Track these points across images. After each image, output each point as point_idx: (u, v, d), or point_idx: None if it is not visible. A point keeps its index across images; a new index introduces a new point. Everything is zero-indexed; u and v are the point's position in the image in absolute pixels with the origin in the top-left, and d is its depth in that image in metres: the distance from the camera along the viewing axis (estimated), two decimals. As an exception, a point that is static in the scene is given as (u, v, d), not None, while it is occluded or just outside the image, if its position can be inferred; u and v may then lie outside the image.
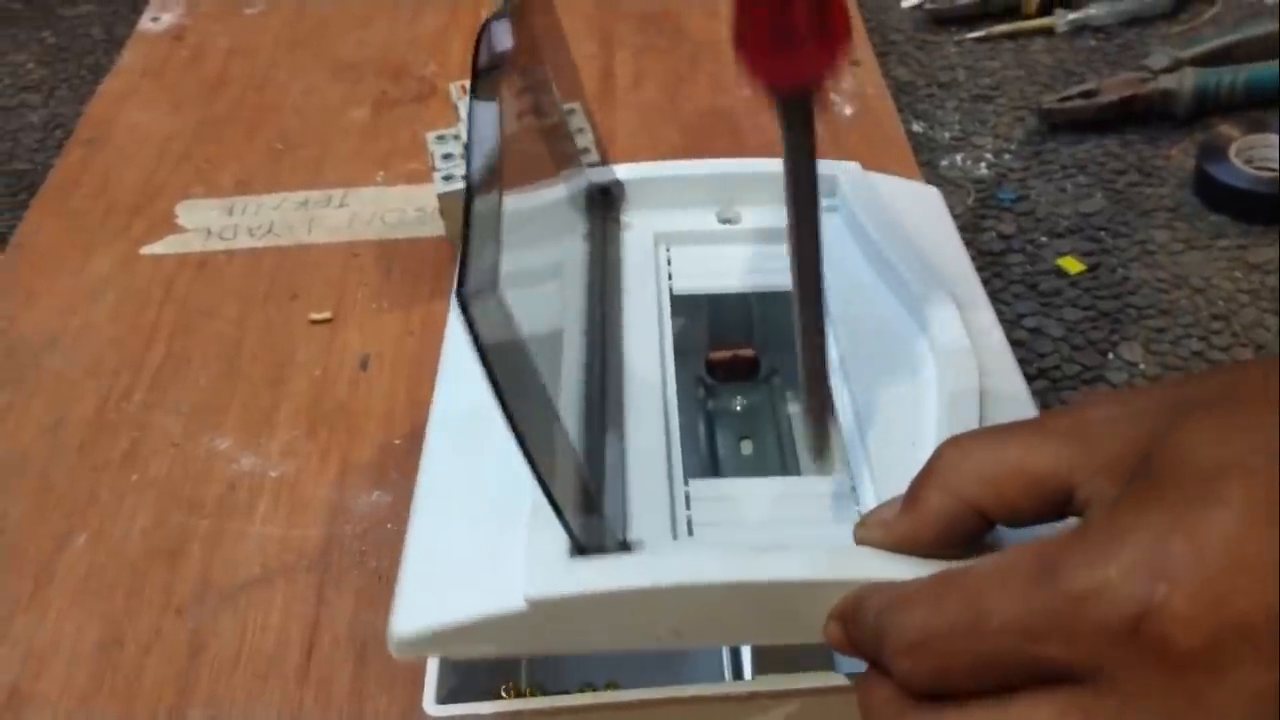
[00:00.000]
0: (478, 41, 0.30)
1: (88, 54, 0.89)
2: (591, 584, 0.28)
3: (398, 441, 0.51)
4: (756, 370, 0.46)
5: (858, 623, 0.27)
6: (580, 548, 0.28)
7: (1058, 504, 0.25)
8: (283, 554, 0.47)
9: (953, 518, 0.26)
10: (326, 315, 0.57)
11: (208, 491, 0.50)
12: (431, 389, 0.54)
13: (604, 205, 0.42)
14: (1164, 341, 0.56)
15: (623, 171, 0.42)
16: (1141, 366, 0.55)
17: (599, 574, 0.28)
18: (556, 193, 0.37)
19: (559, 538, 0.28)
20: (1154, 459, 0.22)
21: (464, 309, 0.23)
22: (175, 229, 0.65)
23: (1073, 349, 0.56)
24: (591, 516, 0.29)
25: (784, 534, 0.32)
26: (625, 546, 0.29)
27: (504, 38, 0.31)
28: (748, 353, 0.47)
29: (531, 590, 0.28)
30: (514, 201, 0.28)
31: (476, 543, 0.31)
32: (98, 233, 0.65)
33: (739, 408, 0.46)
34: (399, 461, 0.50)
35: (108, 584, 0.46)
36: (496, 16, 0.32)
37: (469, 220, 0.25)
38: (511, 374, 0.25)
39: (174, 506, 0.49)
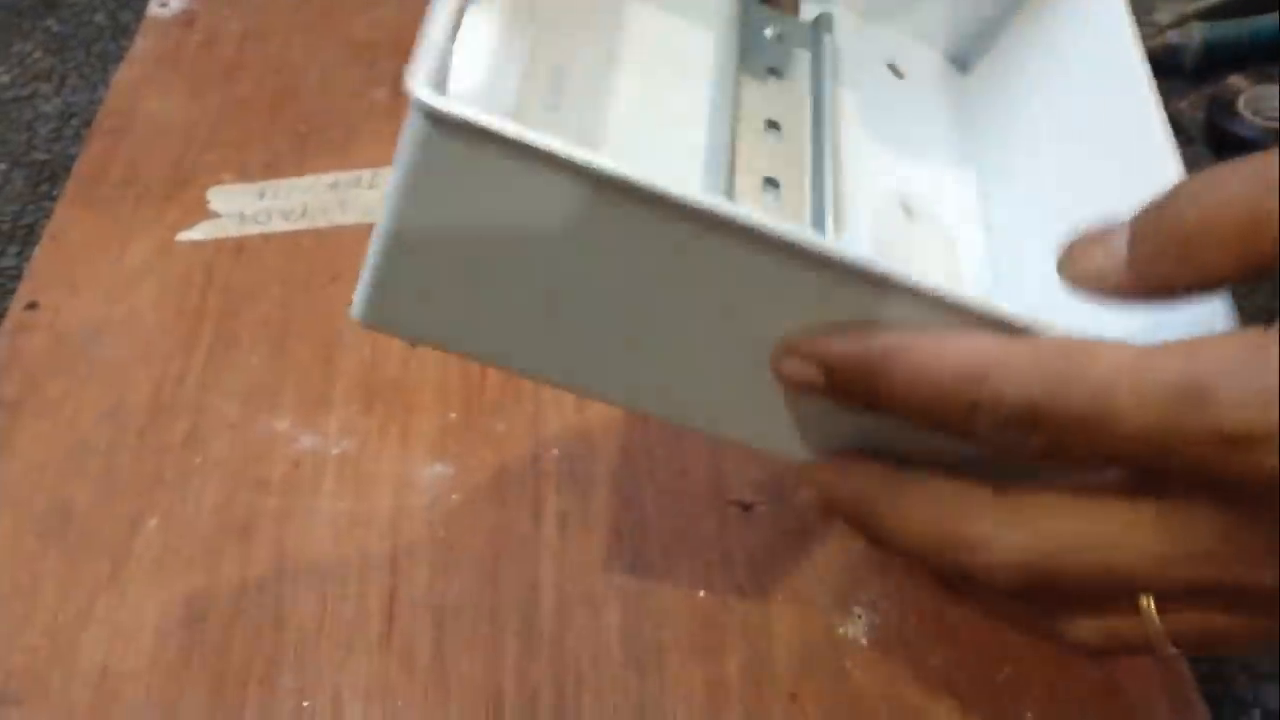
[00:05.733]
0: None
1: (94, 41, 0.89)
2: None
3: (453, 415, 0.52)
4: None
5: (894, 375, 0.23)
6: None
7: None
8: (353, 527, 0.48)
9: (1181, 288, 0.23)
10: (370, 294, 0.59)
11: (272, 470, 0.51)
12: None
13: None
14: (1185, 291, 0.58)
15: None
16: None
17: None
18: None
19: None
20: None
21: None
22: (209, 215, 0.65)
23: (1098, 301, 0.58)
24: None
25: None
26: None
27: None
28: None
29: None
30: None
31: None
32: (132, 221, 0.66)
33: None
34: (457, 435, 0.51)
35: (184, 563, 0.48)
36: None
37: None
38: None
39: (240, 486, 0.50)
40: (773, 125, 0.36)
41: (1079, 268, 0.25)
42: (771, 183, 0.35)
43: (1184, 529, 0.22)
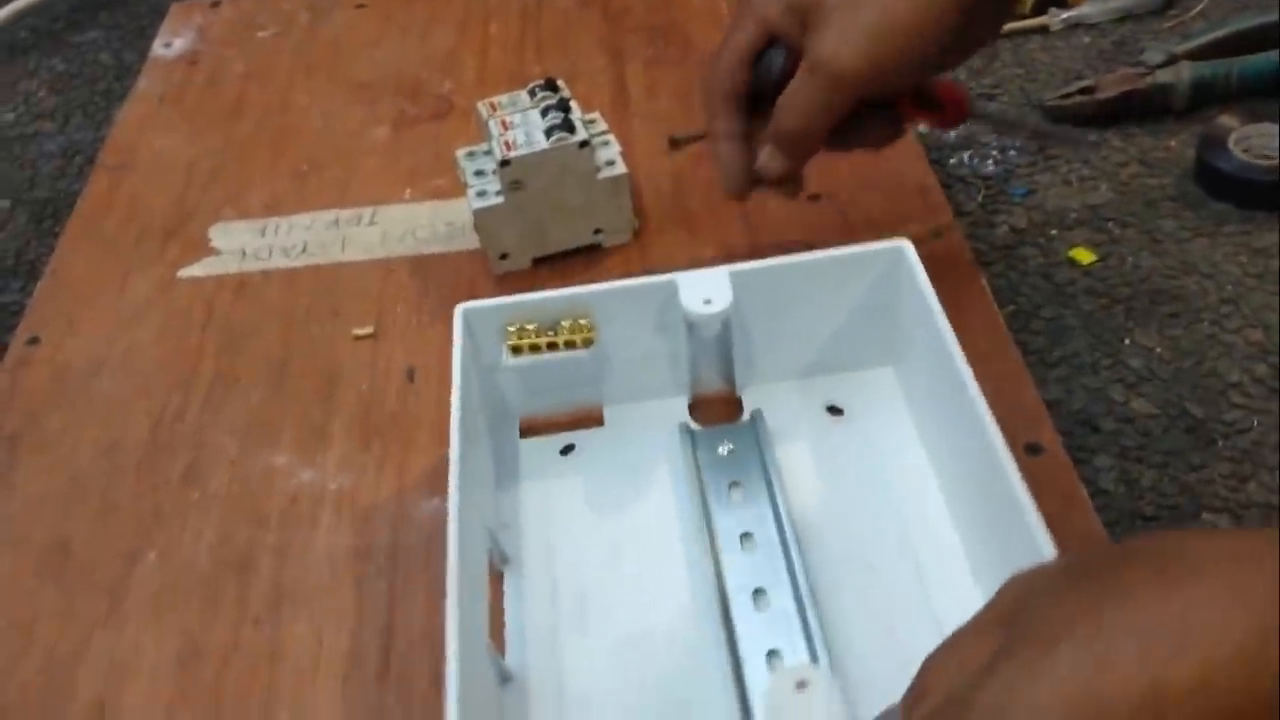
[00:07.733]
0: None
1: (98, 80, 0.91)
2: None
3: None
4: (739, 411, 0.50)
5: None
6: None
7: None
8: (351, 561, 0.48)
9: None
10: (369, 330, 0.59)
11: (270, 505, 0.51)
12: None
13: None
14: (1178, 326, 0.58)
15: None
16: (1158, 350, 0.57)
17: None
18: None
19: None
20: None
21: None
22: (210, 251, 0.66)
23: (1092, 336, 0.59)
24: None
25: None
26: None
27: None
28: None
29: None
30: None
31: None
32: (133, 257, 0.66)
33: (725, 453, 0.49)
34: (455, 469, 0.52)
35: (181, 599, 0.48)
36: None
37: None
38: None
39: (238, 521, 0.51)
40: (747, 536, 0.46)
41: None
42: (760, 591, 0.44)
43: None
